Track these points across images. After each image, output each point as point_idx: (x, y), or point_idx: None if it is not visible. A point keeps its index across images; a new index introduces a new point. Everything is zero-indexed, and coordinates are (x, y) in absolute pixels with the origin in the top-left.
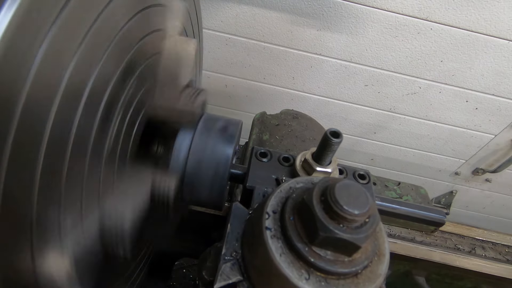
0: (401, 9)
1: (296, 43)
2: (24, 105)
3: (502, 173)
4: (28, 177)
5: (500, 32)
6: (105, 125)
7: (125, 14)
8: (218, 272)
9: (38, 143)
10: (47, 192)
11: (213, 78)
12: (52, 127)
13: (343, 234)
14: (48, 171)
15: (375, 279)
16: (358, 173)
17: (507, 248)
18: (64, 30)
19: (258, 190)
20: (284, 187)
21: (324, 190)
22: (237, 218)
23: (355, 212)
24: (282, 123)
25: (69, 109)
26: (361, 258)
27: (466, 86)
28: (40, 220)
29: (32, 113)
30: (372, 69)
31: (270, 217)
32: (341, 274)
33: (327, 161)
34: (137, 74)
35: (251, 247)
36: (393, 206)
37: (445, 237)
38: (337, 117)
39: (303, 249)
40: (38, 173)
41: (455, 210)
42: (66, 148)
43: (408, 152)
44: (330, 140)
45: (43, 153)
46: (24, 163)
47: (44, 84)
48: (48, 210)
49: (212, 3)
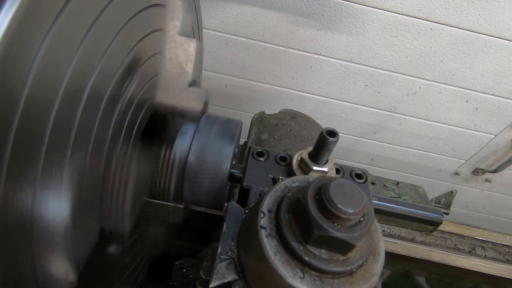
0: (401, 9)
1: (296, 43)
2: (25, 105)
3: (502, 173)
4: (28, 177)
5: (500, 32)
6: (105, 124)
7: (125, 14)
8: (214, 271)
9: (39, 143)
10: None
11: (213, 78)
12: (53, 126)
13: (338, 233)
14: (49, 171)
15: (370, 278)
16: (355, 172)
17: (507, 248)
18: (64, 30)
19: (254, 190)
20: (280, 186)
21: (319, 189)
22: (233, 217)
23: (349, 210)
24: (281, 123)
25: (70, 109)
26: (356, 257)
27: (466, 86)
28: (42, 217)
29: (32, 113)
30: (372, 69)
31: (266, 216)
32: (335, 273)
33: (324, 160)
34: (138, 73)
35: (246, 246)
36: (391, 205)
37: (445, 237)
38: (337, 117)
39: (297, 248)
40: (39, 173)
41: (455, 210)
42: (67, 149)
43: (408, 152)
44: (326, 139)
45: (43, 153)
46: (24, 163)
47: (44, 84)
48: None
49: (212, 3)
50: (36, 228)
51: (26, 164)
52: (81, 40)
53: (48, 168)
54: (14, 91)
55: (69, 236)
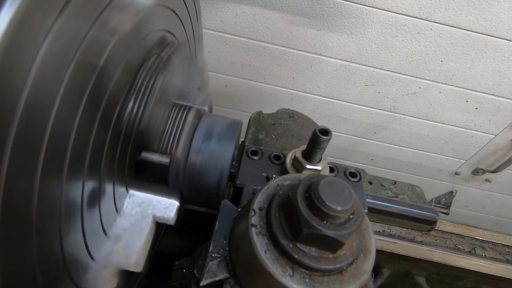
0: (401, 9)
1: (296, 43)
2: (25, 105)
3: (502, 173)
4: (28, 178)
5: (500, 32)
6: (105, 124)
7: (125, 13)
8: (205, 269)
9: (39, 144)
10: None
11: (213, 78)
12: (52, 127)
13: (327, 230)
14: (49, 171)
15: (360, 276)
16: (349, 171)
17: (507, 248)
18: (64, 30)
19: (248, 188)
20: (272, 184)
21: (308, 187)
22: (225, 215)
23: (338, 208)
24: (278, 122)
25: (70, 109)
26: (345, 255)
27: (466, 86)
28: (40, 221)
29: (32, 113)
30: (372, 69)
31: (256, 214)
32: (325, 270)
33: (317, 159)
34: (136, 85)
35: (237, 244)
36: (385, 204)
37: (445, 237)
38: (337, 117)
39: (287, 246)
40: (38, 174)
41: (455, 210)
42: (66, 149)
43: (408, 152)
44: (319, 137)
45: (44, 153)
46: (24, 164)
47: (44, 84)
48: (48, 211)
49: (212, 3)
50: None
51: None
52: (81, 40)
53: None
54: (14, 92)
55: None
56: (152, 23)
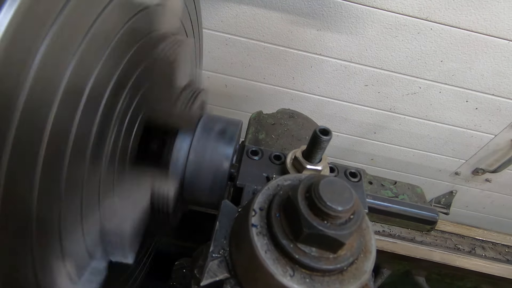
0: (401, 9)
1: (296, 43)
2: (25, 105)
3: (502, 173)
4: (28, 178)
5: (500, 32)
6: (105, 125)
7: (124, 14)
8: (205, 269)
9: (38, 143)
10: (47, 193)
11: (213, 78)
12: (53, 126)
13: (327, 230)
14: (48, 171)
15: (360, 276)
16: (350, 171)
17: (507, 248)
18: (64, 30)
19: (248, 188)
20: (272, 184)
21: (309, 187)
22: (226, 215)
23: (339, 208)
24: (278, 122)
25: (69, 109)
26: (346, 255)
27: (466, 86)
28: (40, 221)
29: (32, 112)
30: (372, 69)
31: (257, 214)
32: (326, 271)
33: (317, 159)
34: (136, 75)
35: (238, 244)
36: (385, 204)
37: (445, 237)
38: (337, 117)
39: (288, 246)
40: (38, 173)
41: (455, 210)
42: (66, 148)
43: (408, 152)
44: (319, 137)
45: (43, 153)
46: (24, 163)
47: (44, 84)
48: (48, 211)
49: (212, 3)
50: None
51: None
52: (81, 40)
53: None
54: (13, 92)
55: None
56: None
